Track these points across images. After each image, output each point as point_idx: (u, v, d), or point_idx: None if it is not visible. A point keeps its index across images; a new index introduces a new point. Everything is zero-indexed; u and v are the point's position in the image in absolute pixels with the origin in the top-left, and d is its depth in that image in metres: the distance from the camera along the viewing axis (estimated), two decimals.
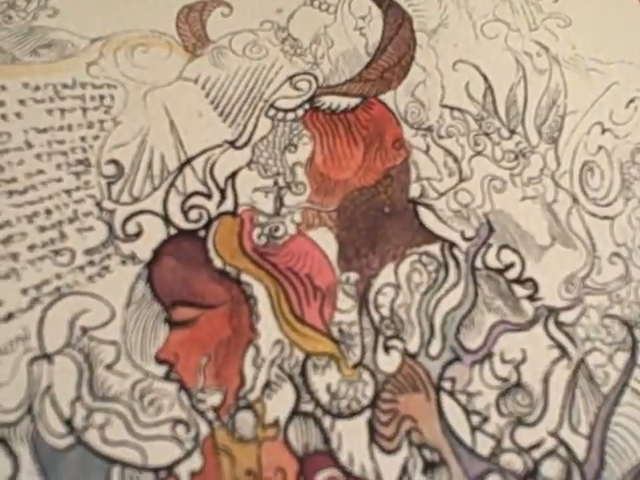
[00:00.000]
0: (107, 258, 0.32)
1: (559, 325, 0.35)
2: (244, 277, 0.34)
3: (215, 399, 0.31)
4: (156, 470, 0.30)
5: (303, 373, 0.33)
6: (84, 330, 0.31)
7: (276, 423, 0.31)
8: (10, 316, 0.31)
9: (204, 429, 0.31)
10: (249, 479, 0.30)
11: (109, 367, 0.31)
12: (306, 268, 0.34)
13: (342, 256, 0.35)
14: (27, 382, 0.30)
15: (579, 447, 0.33)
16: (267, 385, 0.32)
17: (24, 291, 0.31)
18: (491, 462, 0.32)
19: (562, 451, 0.33)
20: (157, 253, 0.34)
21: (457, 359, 0.34)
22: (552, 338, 0.35)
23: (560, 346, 0.35)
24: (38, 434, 0.29)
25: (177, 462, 0.30)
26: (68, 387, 0.30)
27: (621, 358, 0.35)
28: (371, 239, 0.36)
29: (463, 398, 0.33)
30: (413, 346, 0.34)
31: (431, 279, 0.35)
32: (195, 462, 0.30)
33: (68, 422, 0.30)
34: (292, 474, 0.30)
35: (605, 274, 0.37)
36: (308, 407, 0.32)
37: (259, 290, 0.34)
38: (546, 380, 0.34)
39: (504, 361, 0.34)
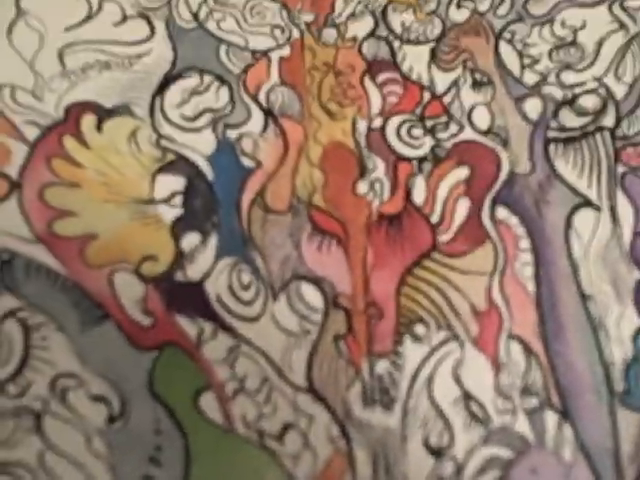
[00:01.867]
0: None
1: (624, 8, 0.46)
2: None
3: (308, 18, 0.45)
4: (254, 52, 0.44)
5: (384, 12, 0.46)
6: None
7: (354, 39, 0.44)
8: None
9: (296, 34, 0.44)
10: (325, 68, 0.43)
11: None
12: None
13: None
14: None
15: (619, 90, 0.43)
16: (352, 14, 0.45)
17: None
18: (534, 92, 0.43)
19: (602, 91, 0.43)
20: None
21: (520, 20, 0.46)
22: (614, 16, 0.45)
23: (620, 22, 0.45)
24: (172, 17, 0.44)
25: (271, 49, 0.44)
26: None
27: None
28: None
29: (519, 45, 0.44)
30: (483, 7, 0.46)
31: None
32: (285, 52, 0.44)
33: (195, 15, 0.44)
34: (359, 70, 0.43)
35: None
36: (382, 32, 0.45)
37: None
38: (600, 43, 0.45)
39: (564, 26, 0.45)
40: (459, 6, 0.44)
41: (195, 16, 0.42)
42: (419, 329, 0.35)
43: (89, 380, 0.33)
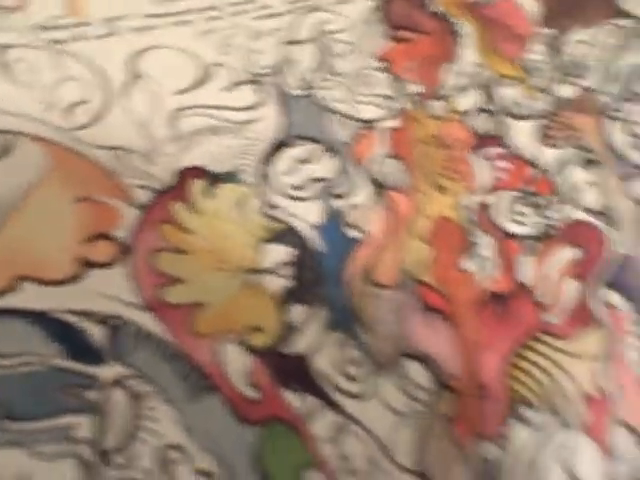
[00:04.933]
0: None
1: None
2: (453, 19, 0.47)
3: (417, 88, 0.45)
4: (363, 122, 0.44)
5: (491, 86, 0.45)
6: (326, 32, 0.47)
7: (462, 112, 0.44)
8: None
9: (404, 105, 0.44)
10: (433, 141, 0.43)
11: (340, 56, 0.46)
12: (510, 20, 0.47)
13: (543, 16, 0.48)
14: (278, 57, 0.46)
15: None
16: (459, 88, 0.45)
17: None
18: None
19: None
20: None
21: (631, 99, 0.45)
22: None
23: None
24: (282, 84, 0.45)
25: (380, 119, 0.44)
26: (308, 66, 0.45)
27: None
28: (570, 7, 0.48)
29: (629, 124, 0.44)
30: (592, 84, 0.45)
31: (623, 42, 0.47)
32: (394, 122, 0.44)
33: (305, 82, 0.45)
34: (468, 144, 0.43)
35: None
36: (490, 106, 0.44)
37: (466, 27, 0.47)
38: None
39: None
40: (567, 83, 0.43)
41: (305, 83, 0.42)
42: (528, 413, 0.34)
43: (195, 454, 0.32)
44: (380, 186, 0.40)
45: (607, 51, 0.45)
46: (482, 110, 0.42)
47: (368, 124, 0.42)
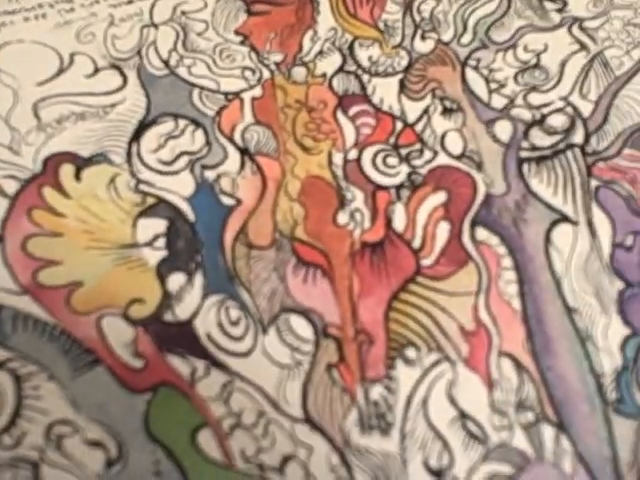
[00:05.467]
0: None
1: (583, 29, 0.48)
2: None
3: (277, 57, 0.46)
4: (226, 94, 0.45)
5: (350, 48, 0.47)
6: (183, 12, 0.48)
7: (323, 75, 0.46)
8: None
9: (266, 74, 0.46)
10: (297, 105, 0.45)
11: (199, 34, 0.47)
12: None
13: None
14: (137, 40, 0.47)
15: (585, 108, 0.45)
16: (320, 53, 0.47)
17: None
18: (503, 114, 0.45)
19: (569, 110, 0.45)
20: None
21: (484, 47, 0.47)
22: (574, 37, 0.47)
23: (581, 42, 0.47)
24: (143, 66, 0.46)
25: (243, 90, 0.45)
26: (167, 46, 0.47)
27: (637, 53, 0.47)
28: None
29: (485, 71, 0.46)
30: (447, 37, 0.48)
31: None
32: (256, 92, 0.45)
33: (166, 62, 0.46)
34: (332, 105, 0.45)
35: None
36: (351, 67, 0.46)
37: None
38: (563, 64, 0.46)
39: (527, 50, 0.47)
40: (423, 38, 0.45)
41: (166, 63, 0.43)
42: (410, 352, 0.35)
43: (84, 426, 0.33)
44: (248, 153, 0.41)
45: (457, 5, 0.47)
46: (344, 71, 0.44)
47: (231, 96, 0.43)
